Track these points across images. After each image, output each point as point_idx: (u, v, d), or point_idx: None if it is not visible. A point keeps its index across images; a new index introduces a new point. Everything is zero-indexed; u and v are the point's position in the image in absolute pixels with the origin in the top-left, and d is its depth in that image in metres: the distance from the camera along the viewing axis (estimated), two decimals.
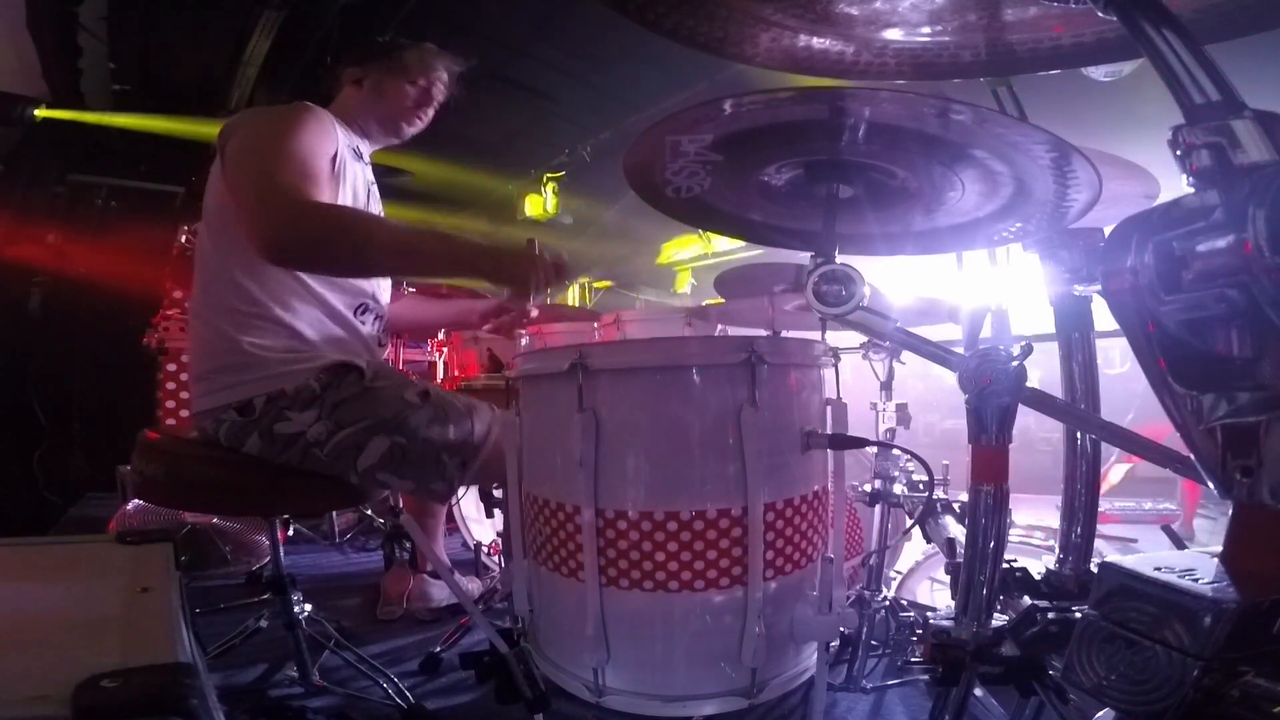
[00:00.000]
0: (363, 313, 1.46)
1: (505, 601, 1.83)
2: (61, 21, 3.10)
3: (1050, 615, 0.91)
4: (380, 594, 2.09)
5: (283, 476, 1.30)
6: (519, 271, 1.25)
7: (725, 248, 5.27)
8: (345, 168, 1.40)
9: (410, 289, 2.61)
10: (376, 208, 1.55)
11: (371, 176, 1.55)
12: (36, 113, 3.70)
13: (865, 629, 1.52)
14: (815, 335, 1.43)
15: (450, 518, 2.46)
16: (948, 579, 1.32)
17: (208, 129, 3.88)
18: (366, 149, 1.57)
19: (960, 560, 0.92)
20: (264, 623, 1.63)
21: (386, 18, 3.11)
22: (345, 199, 1.39)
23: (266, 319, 1.31)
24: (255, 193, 1.22)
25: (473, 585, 2.09)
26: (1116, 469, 2.89)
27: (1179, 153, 0.66)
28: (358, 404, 1.30)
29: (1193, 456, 0.70)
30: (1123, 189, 1.17)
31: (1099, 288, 0.89)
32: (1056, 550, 1.09)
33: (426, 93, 1.57)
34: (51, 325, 3.98)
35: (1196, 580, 0.64)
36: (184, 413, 2.94)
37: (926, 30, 1.02)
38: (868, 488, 1.66)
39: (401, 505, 1.59)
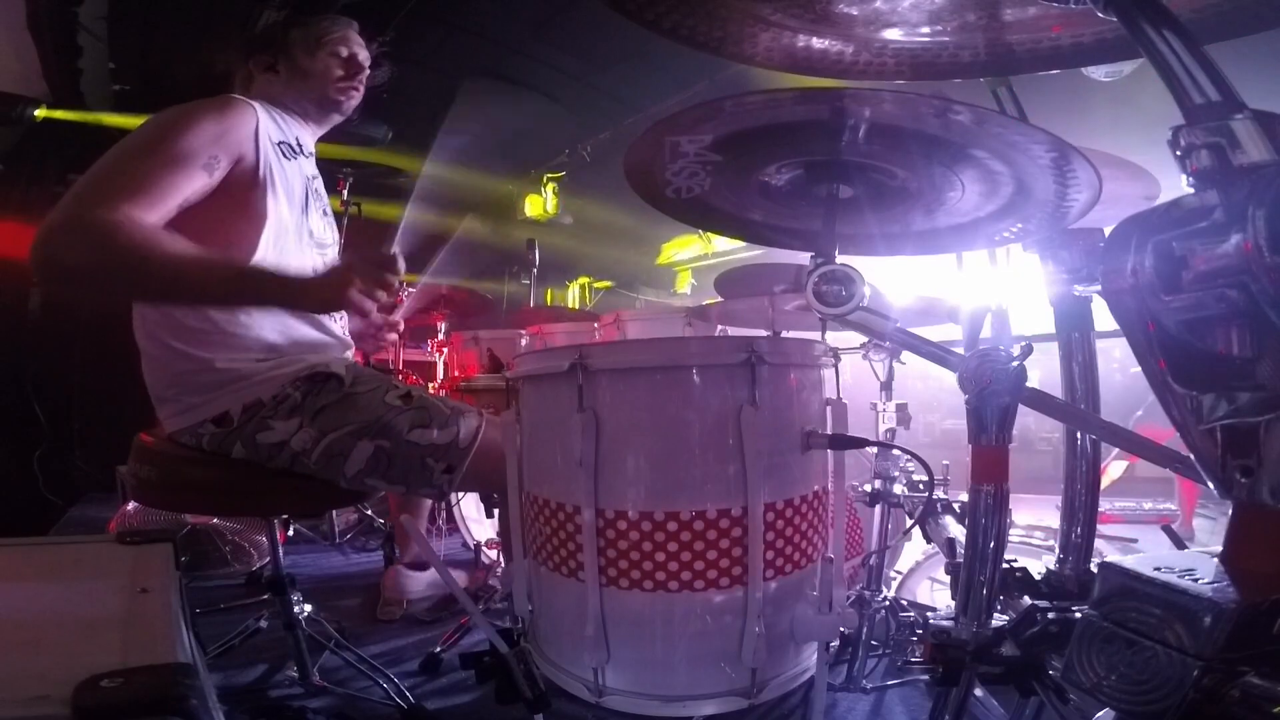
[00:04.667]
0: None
1: (505, 601, 1.83)
2: (61, 21, 3.09)
3: (1050, 615, 0.91)
4: (380, 594, 2.10)
5: (278, 477, 1.30)
6: (333, 294, 1.14)
7: (725, 248, 5.27)
8: (273, 170, 1.32)
9: (410, 289, 2.61)
10: (320, 203, 1.48)
11: (313, 170, 1.48)
12: (36, 113, 3.70)
13: (865, 629, 1.52)
14: (815, 335, 1.43)
15: (450, 518, 2.47)
16: (948, 579, 1.31)
17: None
18: (310, 136, 1.50)
19: (960, 560, 0.92)
20: (264, 623, 1.63)
21: (386, 18, 3.11)
22: (278, 202, 1.32)
23: (226, 332, 1.26)
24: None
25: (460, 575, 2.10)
26: (1115, 465, 2.88)
27: (1179, 153, 0.66)
28: (338, 410, 1.28)
29: (1193, 456, 0.70)
30: (1123, 189, 1.17)
31: (1099, 288, 0.89)
32: (1056, 550, 1.09)
33: (354, 59, 1.50)
34: (51, 325, 3.98)
35: (1196, 580, 0.64)
36: None
37: (926, 30, 1.02)
38: (868, 488, 1.66)
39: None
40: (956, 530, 1.47)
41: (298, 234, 1.38)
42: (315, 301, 1.19)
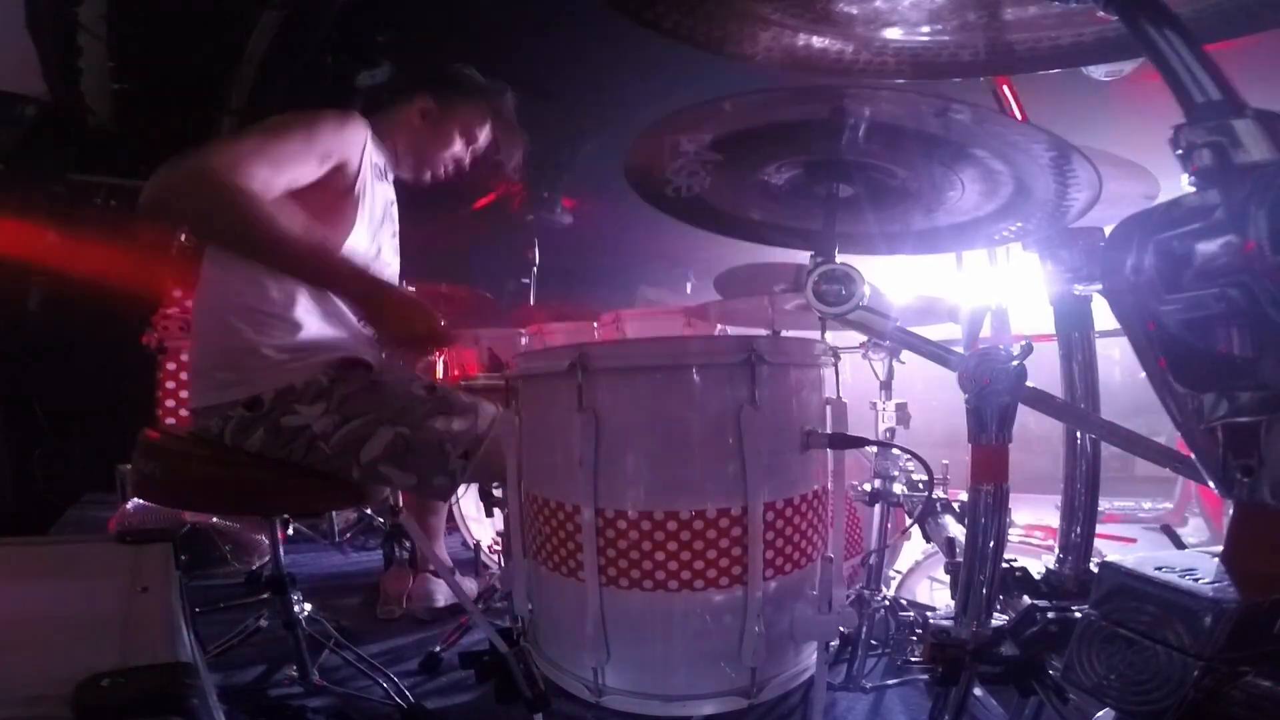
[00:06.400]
0: None
1: (505, 601, 1.83)
2: (61, 21, 3.09)
3: (1050, 615, 0.91)
4: (380, 594, 2.09)
5: (282, 475, 1.30)
6: (391, 321, 1.28)
7: None
8: (367, 186, 1.42)
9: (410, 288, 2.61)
10: (392, 226, 1.58)
11: (393, 195, 1.57)
12: (36, 113, 3.70)
13: (865, 629, 1.52)
14: (815, 335, 1.43)
15: (450, 517, 2.46)
16: (948, 579, 1.32)
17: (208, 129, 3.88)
18: (391, 171, 1.58)
19: (960, 560, 0.92)
20: (264, 622, 1.63)
21: (386, 17, 3.10)
22: (363, 215, 1.42)
23: (281, 319, 1.33)
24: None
25: (469, 584, 2.09)
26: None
27: (1179, 152, 0.66)
28: (365, 397, 1.33)
29: (1193, 456, 0.70)
30: (1123, 189, 1.17)
31: (1099, 287, 0.89)
32: (1056, 550, 1.09)
33: (462, 158, 1.62)
34: (51, 325, 3.98)
35: (1197, 580, 0.64)
36: (184, 412, 2.94)
37: (926, 29, 1.02)
38: (868, 487, 1.66)
39: (401, 504, 1.59)
40: (956, 530, 1.47)
41: (370, 248, 1.47)
42: (373, 315, 1.29)
